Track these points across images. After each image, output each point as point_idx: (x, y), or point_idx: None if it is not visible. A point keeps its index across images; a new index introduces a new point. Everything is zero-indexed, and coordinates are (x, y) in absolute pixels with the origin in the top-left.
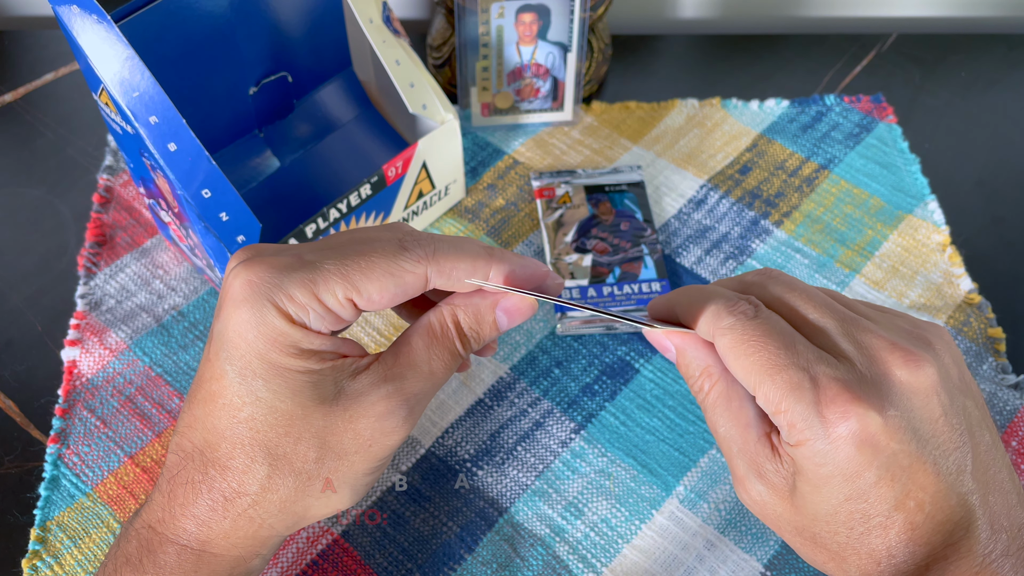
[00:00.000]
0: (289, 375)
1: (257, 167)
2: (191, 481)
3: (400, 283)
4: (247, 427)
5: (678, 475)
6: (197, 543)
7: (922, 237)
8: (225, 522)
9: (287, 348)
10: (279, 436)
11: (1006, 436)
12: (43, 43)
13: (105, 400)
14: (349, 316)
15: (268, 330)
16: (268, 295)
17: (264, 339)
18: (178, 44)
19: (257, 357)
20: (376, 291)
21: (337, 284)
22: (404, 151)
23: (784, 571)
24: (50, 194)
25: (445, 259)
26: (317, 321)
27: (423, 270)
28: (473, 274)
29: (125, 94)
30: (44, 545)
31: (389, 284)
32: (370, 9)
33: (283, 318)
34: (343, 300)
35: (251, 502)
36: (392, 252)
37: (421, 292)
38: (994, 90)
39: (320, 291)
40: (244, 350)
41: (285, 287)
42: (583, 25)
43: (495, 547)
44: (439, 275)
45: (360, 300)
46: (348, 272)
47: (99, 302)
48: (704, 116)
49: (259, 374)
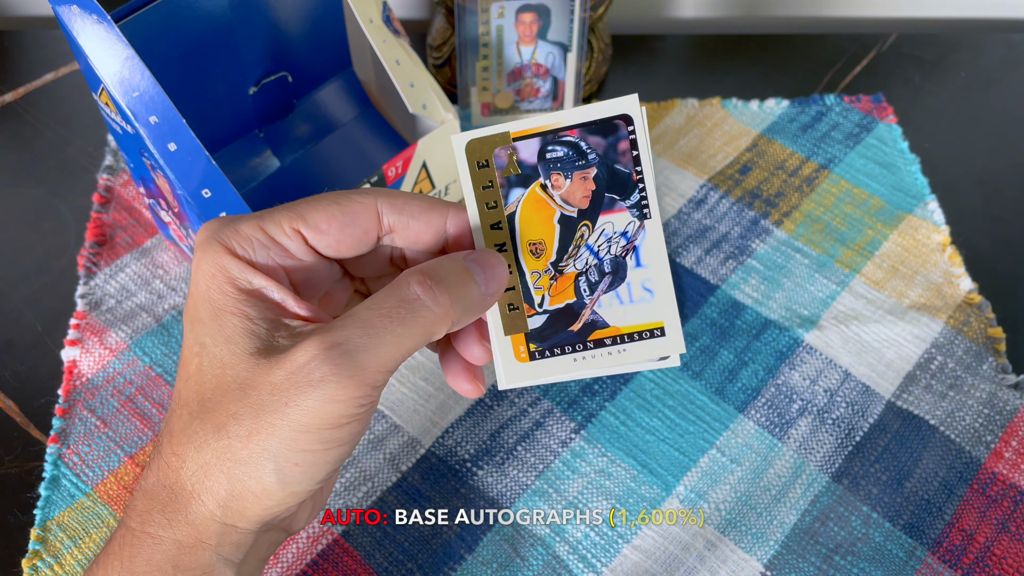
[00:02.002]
0: (227, 319)
1: (257, 167)
2: (154, 452)
3: (347, 211)
4: (194, 382)
5: (678, 475)
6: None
7: (922, 237)
8: (161, 493)
9: (225, 286)
10: (212, 388)
11: (1006, 436)
12: (43, 43)
13: (105, 400)
14: (298, 250)
15: (211, 267)
16: (216, 234)
17: (208, 278)
18: (178, 44)
19: (204, 301)
20: (323, 219)
21: (284, 216)
22: (404, 151)
23: (784, 571)
24: (50, 194)
25: (399, 195)
26: (262, 252)
27: (372, 200)
28: (430, 214)
29: (125, 94)
30: (44, 545)
31: (336, 212)
32: (370, 9)
33: (226, 252)
34: (289, 230)
35: (180, 464)
36: (343, 191)
37: (376, 235)
38: (994, 90)
39: (266, 223)
40: (195, 297)
41: (234, 224)
42: (583, 25)
43: (495, 547)
44: (391, 207)
45: (307, 229)
46: (296, 206)
47: (99, 302)
48: (704, 116)
49: (204, 319)
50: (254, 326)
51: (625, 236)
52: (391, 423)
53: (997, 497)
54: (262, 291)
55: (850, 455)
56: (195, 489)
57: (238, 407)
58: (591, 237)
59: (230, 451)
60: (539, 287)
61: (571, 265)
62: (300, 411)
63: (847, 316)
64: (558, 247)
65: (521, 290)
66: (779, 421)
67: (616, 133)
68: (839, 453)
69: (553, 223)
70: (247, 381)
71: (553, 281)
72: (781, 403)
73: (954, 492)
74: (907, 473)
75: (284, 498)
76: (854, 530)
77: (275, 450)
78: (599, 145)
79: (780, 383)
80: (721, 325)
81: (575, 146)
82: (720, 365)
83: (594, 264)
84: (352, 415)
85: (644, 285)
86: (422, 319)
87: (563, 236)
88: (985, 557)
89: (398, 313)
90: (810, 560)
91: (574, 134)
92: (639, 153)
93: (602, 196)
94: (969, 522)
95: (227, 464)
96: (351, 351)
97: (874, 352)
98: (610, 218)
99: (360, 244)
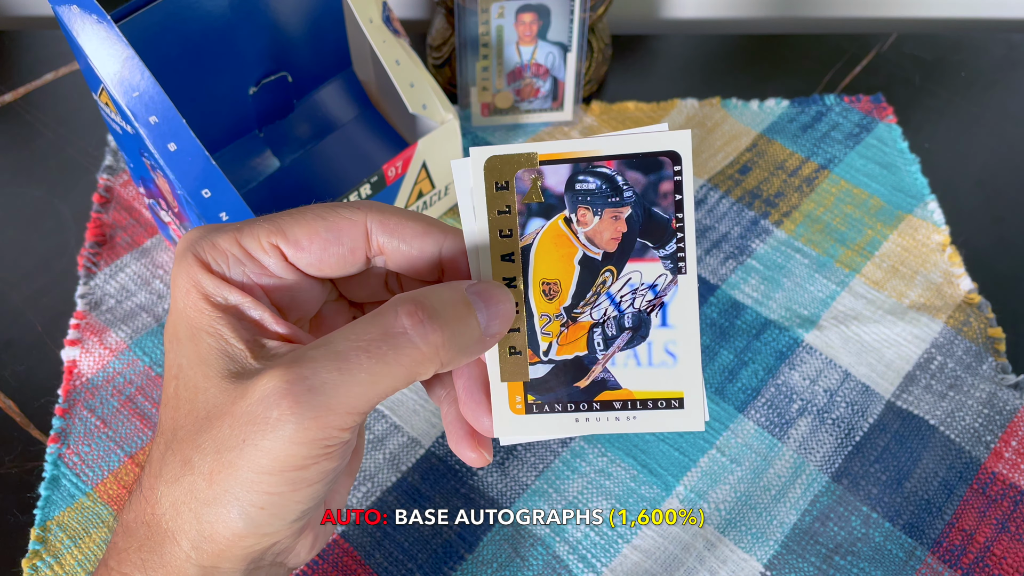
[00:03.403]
0: (202, 339)
1: (257, 167)
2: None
3: (332, 227)
4: (171, 408)
5: (678, 475)
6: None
7: (922, 237)
8: (140, 530)
9: (200, 302)
10: (184, 415)
11: (1006, 436)
12: (43, 43)
13: (105, 400)
14: (276, 267)
15: (186, 282)
16: (192, 247)
17: (183, 293)
18: (178, 44)
19: (181, 318)
20: (304, 235)
21: (262, 229)
22: (404, 151)
23: (784, 571)
24: (50, 194)
25: (391, 214)
26: (237, 268)
27: (361, 217)
28: (424, 239)
29: (125, 94)
30: (44, 545)
31: (319, 227)
32: (370, 9)
33: (200, 266)
34: (267, 245)
35: (155, 499)
36: (331, 204)
37: (364, 255)
38: (994, 90)
39: (243, 236)
40: (173, 314)
41: (210, 237)
42: (583, 25)
43: (495, 547)
44: (382, 228)
45: (286, 245)
46: (277, 218)
47: (99, 302)
48: (704, 116)
49: (181, 339)
50: (228, 347)
51: (653, 290)
52: (391, 423)
53: (997, 497)
54: (239, 308)
55: (850, 455)
56: (169, 527)
57: (203, 439)
58: (614, 285)
59: (195, 489)
60: (547, 333)
61: (587, 313)
62: (258, 452)
63: (847, 316)
64: (575, 291)
65: (527, 333)
66: (779, 421)
67: (660, 171)
68: (839, 453)
69: (573, 263)
70: (214, 410)
71: (564, 328)
72: (781, 403)
73: (954, 492)
74: (907, 473)
75: (258, 540)
76: (854, 530)
77: (237, 492)
78: (638, 182)
79: (780, 383)
80: (721, 325)
81: (610, 179)
82: (720, 365)
83: (613, 316)
84: (317, 455)
85: (667, 348)
86: (406, 357)
87: (582, 279)
88: (985, 557)
89: (378, 347)
90: (810, 560)
91: (611, 165)
92: (683, 198)
93: (633, 240)
94: (969, 522)
95: (194, 504)
96: (316, 388)
97: (874, 352)
98: (639, 267)
99: (345, 264)
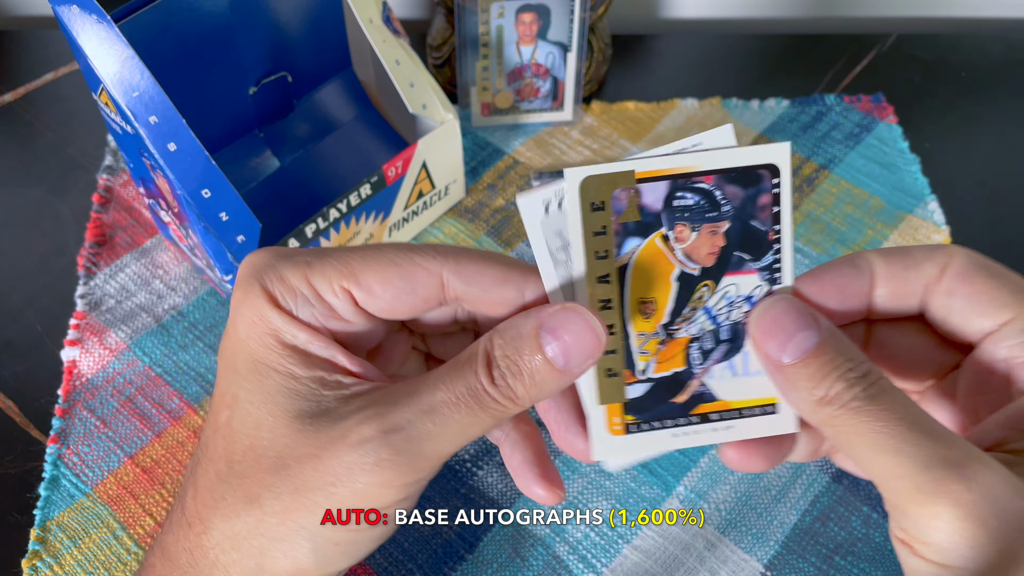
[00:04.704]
0: (267, 374)
1: (257, 167)
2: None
3: (406, 275)
4: (223, 437)
5: (678, 475)
6: None
7: (922, 237)
8: (182, 556)
9: (267, 338)
10: (244, 450)
11: None
12: (43, 43)
13: (105, 400)
14: (346, 311)
15: (251, 313)
16: (259, 276)
17: (247, 325)
18: (178, 44)
19: (242, 350)
20: (377, 282)
21: (334, 270)
22: (404, 151)
23: (784, 571)
24: (50, 194)
25: (468, 261)
26: (305, 308)
27: (437, 267)
28: (504, 287)
29: (125, 94)
30: (44, 545)
31: (393, 275)
32: (370, 9)
33: (268, 301)
34: (338, 289)
35: (203, 529)
36: (404, 247)
37: (438, 302)
38: (994, 90)
39: (313, 274)
40: (232, 340)
41: (278, 268)
42: (583, 25)
43: (495, 547)
44: (459, 277)
45: (358, 291)
46: (349, 259)
47: (99, 302)
48: (704, 116)
49: (240, 370)
50: (299, 386)
51: (750, 301)
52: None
53: None
54: (307, 347)
55: None
56: (219, 560)
57: (275, 479)
58: (711, 299)
59: (263, 526)
60: (645, 351)
61: (684, 329)
62: (347, 492)
63: None
64: (672, 308)
65: (624, 355)
66: None
67: (758, 184)
68: None
69: (670, 280)
70: (287, 451)
71: (662, 346)
72: None
73: None
74: None
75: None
76: (854, 530)
77: (314, 529)
78: (736, 196)
79: None
80: None
81: (709, 195)
82: None
83: (711, 330)
84: (403, 498)
85: None
86: (492, 411)
87: (680, 296)
88: None
89: (466, 402)
90: (810, 560)
91: (709, 180)
92: (780, 210)
93: (730, 254)
94: None
95: (259, 540)
96: (414, 438)
97: None
98: (735, 280)
99: (417, 310)
